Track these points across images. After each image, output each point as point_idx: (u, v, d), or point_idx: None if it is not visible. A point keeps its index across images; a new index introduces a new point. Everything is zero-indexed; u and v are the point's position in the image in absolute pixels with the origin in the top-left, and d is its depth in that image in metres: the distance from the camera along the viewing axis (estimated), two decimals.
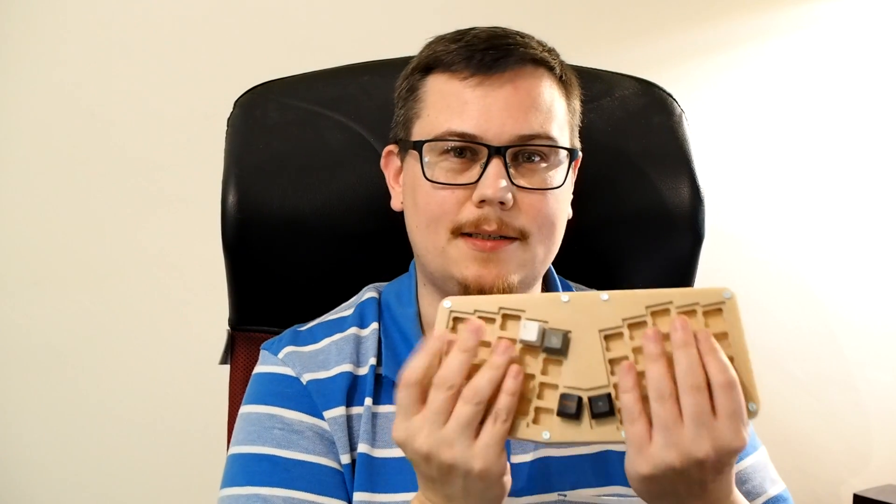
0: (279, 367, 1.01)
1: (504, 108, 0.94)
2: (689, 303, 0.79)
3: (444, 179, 0.95)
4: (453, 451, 0.78)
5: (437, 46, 0.98)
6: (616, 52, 1.86)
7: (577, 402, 0.78)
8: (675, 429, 0.75)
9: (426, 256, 0.99)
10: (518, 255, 0.96)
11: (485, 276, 0.95)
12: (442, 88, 0.97)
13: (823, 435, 2.06)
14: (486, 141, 0.94)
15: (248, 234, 1.13)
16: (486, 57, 0.95)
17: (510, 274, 0.95)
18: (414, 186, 0.98)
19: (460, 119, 0.95)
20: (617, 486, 0.98)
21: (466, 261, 0.95)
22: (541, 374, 0.80)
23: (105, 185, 1.68)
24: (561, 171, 0.98)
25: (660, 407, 0.75)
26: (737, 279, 1.96)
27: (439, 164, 0.96)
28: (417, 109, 0.99)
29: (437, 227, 0.96)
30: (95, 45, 1.66)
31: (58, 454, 1.70)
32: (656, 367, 0.76)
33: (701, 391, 0.75)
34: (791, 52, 1.99)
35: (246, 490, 0.95)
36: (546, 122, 0.96)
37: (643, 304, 0.79)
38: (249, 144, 1.15)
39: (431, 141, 0.95)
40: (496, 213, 0.94)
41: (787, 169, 2.01)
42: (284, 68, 1.23)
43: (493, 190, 0.93)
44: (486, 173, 0.93)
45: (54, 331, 1.68)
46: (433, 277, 1.00)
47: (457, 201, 0.95)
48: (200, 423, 1.64)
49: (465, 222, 0.95)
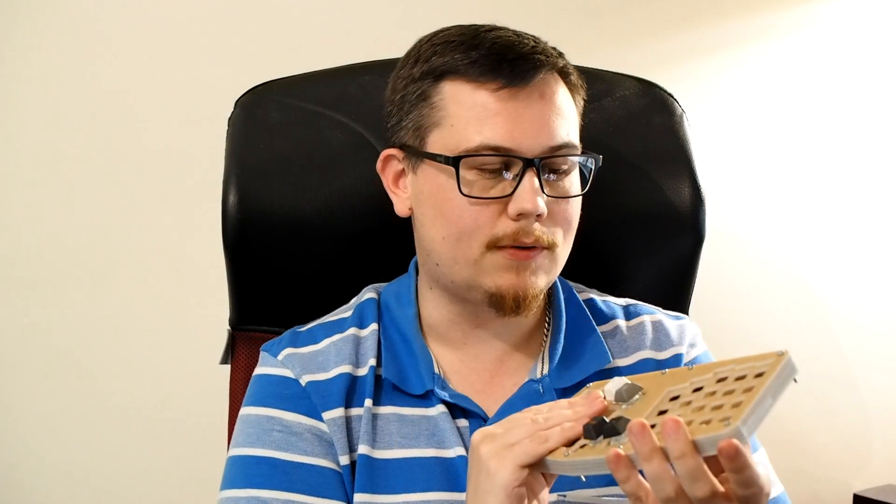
0: (278, 369, 1.01)
1: (534, 120, 0.94)
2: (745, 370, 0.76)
3: (479, 194, 0.94)
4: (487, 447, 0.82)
5: (452, 52, 0.96)
6: (617, 53, 1.86)
7: (600, 421, 0.79)
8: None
9: (451, 267, 0.98)
10: (546, 262, 0.97)
11: (518, 285, 0.96)
12: (466, 98, 0.95)
13: (823, 435, 2.07)
14: (520, 153, 0.93)
15: (248, 234, 1.13)
16: (516, 68, 0.94)
17: (539, 280, 0.97)
18: (437, 198, 0.97)
19: (492, 132, 0.94)
20: (616, 486, 0.98)
21: (501, 271, 0.95)
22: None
23: (105, 185, 1.68)
24: (576, 175, 0.99)
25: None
26: (737, 279, 1.98)
27: (471, 177, 0.95)
28: (436, 118, 0.96)
29: (471, 240, 0.95)
30: (95, 45, 1.66)
31: (58, 454, 1.70)
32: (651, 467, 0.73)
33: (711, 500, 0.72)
34: (792, 52, 1.99)
35: (245, 493, 0.95)
36: (570, 130, 0.97)
37: (712, 372, 0.78)
38: (250, 144, 1.15)
39: (468, 156, 0.94)
40: (532, 225, 0.94)
41: (788, 169, 2.01)
42: (285, 68, 1.23)
43: (533, 204, 0.93)
44: (523, 186, 0.93)
45: (54, 331, 1.68)
46: (454, 286, 0.99)
47: (491, 215, 0.95)
48: (201, 422, 1.64)
49: (502, 236, 0.95)
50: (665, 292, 1.19)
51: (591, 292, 1.11)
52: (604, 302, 1.10)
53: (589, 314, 1.07)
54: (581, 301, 1.08)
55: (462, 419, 0.99)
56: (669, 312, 1.11)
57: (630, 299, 1.12)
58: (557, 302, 1.06)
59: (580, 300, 1.08)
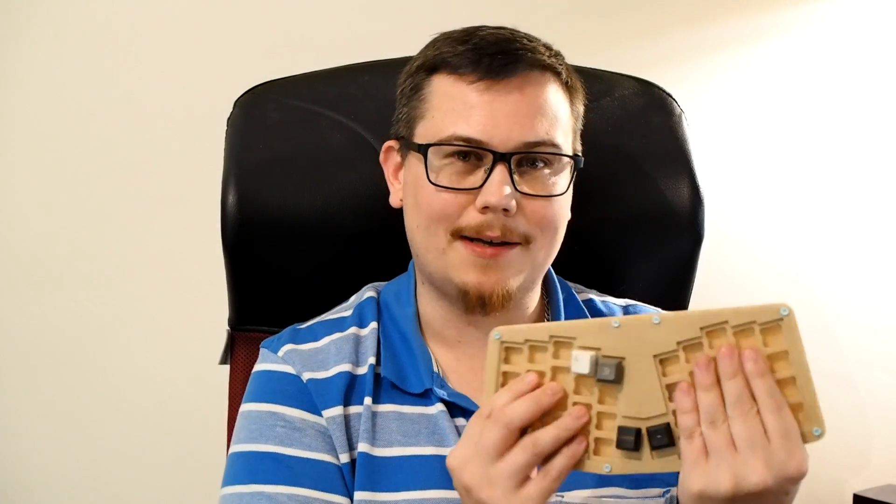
0: (279, 365, 1.01)
1: (511, 115, 0.94)
2: (746, 321, 0.77)
3: (448, 183, 0.95)
4: (493, 492, 0.79)
5: (444, 46, 0.98)
6: (616, 52, 1.86)
7: (635, 434, 0.78)
8: (727, 453, 0.75)
9: (426, 256, 0.99)
10: (518, 260, 0.96)
11: (485, 284, 0.95)
12: (448, 91, 0.96)
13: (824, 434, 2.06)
14: (491, 147, 0.94)
15: (247, 234, 1.13)
16: (495, 62, 0.94)
17: (509, 279, 0.96)
18: (416, 186, 0.98)
19: (466, 123, 0.94)
20: (615, 487, 0.99)
21: (466, 266, 0.95)
22: (598, 404, 0.80)
23: (105, 185, 1.67)
24: (564, 177, 0.98)
25: (711, 433, 0.76)
26: (736, 279, 1.97)
27: (444, 167, 0.96)
28: (422, 109, 0.98)
29: (437, 228, 0.96)
30: (95, 45, 1.66)
31: (58, 454, 1.70)
32: (708, 396, 0.76)
33: (749, 417, 0.75)
34: (791, 52, 1.99)
35: (250, 488, 0.95)
36: (551, 128, 0.96)
37: (697, 326, 0.77)
38: (249, 144, 1.15)
39: (436, 145, 0.95)
40: (499, 220, 0.94)
41: (787, 169, 2.01)
42: (284, 68, 1.23)
43: (498, 197, 0.93)
44: (491, 180, 0.93)
45: (54, 331, 1.68)
46: (432, 278, 1.00)
47: (459, 205, 0.95)
48: (200, 422, 1.64)
49: (465, 226, 0.95)
50: (664, 292, 1.19)
51: (590, 293, 1.11)
52: (603, 302, 1.10)
53: (588, 315, 1.07)
54: (580, 302, 1.08)
55: (460, 418, 0.99)
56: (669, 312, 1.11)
57: (629, 300, 1.12)
58: (556, 303, 1.06)
59: (579, 301, 1.08)
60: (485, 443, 0.80)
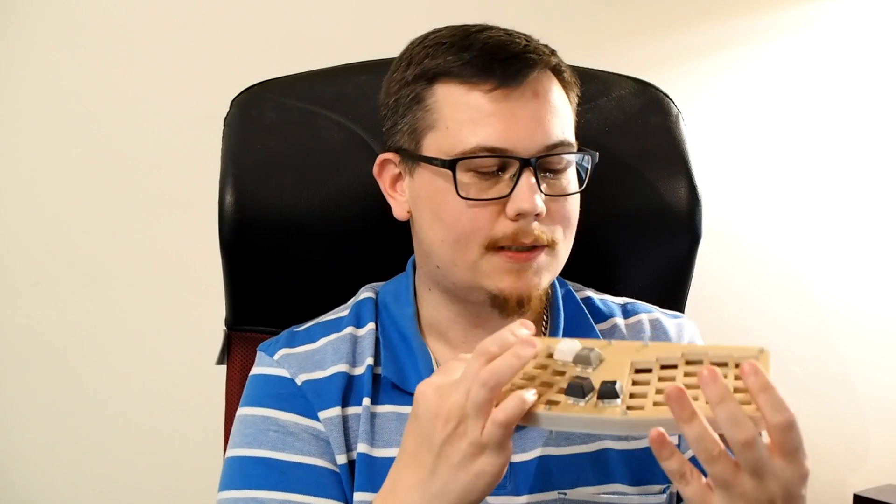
0: (274, 369, 1.01)
1: (530, 119, 0.94)
2: (723, 356, 0.79)
3: (476, 195, 0.94)
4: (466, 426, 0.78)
5: (444, 54, 0.96)
6: (613, 53, 1.86)
7: (588, 382, 0.78)
8: (734, 483, 0.72)
9: (451, 269, 0.97)
10: (547, 262, 0.97)
11: (519, 287, 0.95)
12: (459, 100, 0.95)
13: (823, 435, 2.06)
14: (515, 153, 0.93)
15: (245, 234, 1.13)
16: (509, 68, 0.94)
17: (542, 280, 0.97)
18: (436, 201, 0.96)
19: (487, 133, 0.93)
20: (616, 484, 0.99)
21: (501, 273, 0.95)
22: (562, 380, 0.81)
23: (103, 185, 1.68)
24: (573, 173, 0.99)
25: (712, 468, 0.73)
26: (734, 279, 1.97)
27: (468, 179, 0.94)
28: (430, 121, 0.96)
29: (469, 243, 0.95)
30: (94, 45, 1.66)
31: (56, 454, 1.70)
32: (692, 429, 0.72)
33: (753, 445, 0.71)
34: (788, 52, 1.99)
35: (243, 493, 0.95)
36: (565, 127, 0.97)
37: (679, 352, 0.81)
38: (246, 144, 1.15)
39: (464, 159, 0.94)
40: (530, 224, 0.94)
41: (785, 169, 2.01)
42: (281, 68, 1.23)
43: (531, 204, 0.92)
44: (520, 187, 0.93)
45: (53, 331, 1.68)
46: (455, 288, 0.99)
47: (489, 216, 0.94)
48: (197, 423, 1.64)
49: (501, 237, 0.94)
50: (661, 292, 1.19)
51: (588, 291, 1.11)
52: (601, 300, 1.10)
53: (587, 313, 1.07)
54: (579, 300, 1.08)
55: None
56: (667, 311, 1.11)
57: (627, 298, 1.12)
58: (555, 300, 1.06)
59: (578, 299, 1.08)
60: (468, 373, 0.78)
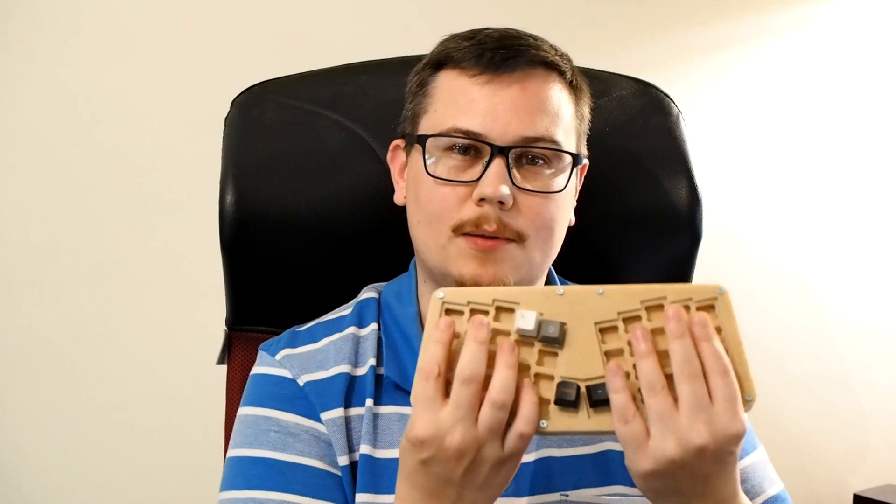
0: (276, 369, 1.01)
1: (510, 109, 0.94)
2: (683, 298, 0.80)
3: (447, 176, 0.95)
4: (485, 452, 0.78)
5: (449, 43, 0.99)
6: (613, 53, 1.86)
7: (575, 390, 0.79)
8: (670, 418, 0.75)
9: (426, 252, 0.98)
10: (515, 255, 0.96)
11: (482, 276, 0.94)
12: (451, 85, 0.97)
13: (823, 435, 2.06)
14: (490, 140, 0.94)
15: (245, 234, 1.13)
16: (496, 56, 0.95)
17: (507, 274, 0.95)
18: (416, 182, 0.98)
19: (465, 116, 0.95)
20: (618, 485, 0.98)
21: (464, 259, 0.95)
22: (536, 365, 0.80)
23: (103, 184, 1.68)
24: (563, 176, 0.98)
25: (653, 399, 0.76)
26: (735, 279, 1.96)
27: (443, 160, 0.96)
28: (426, 105, 0.99)
29: (439, 224, 0.96)
30: (94, 46, 1.66)
31: (56, 454, 1.70)
32: (646, 362, 0.77)
33: (697, 379, 0.76)
34: (788, 52, 1.99)
35: (243, 494, 0.95)
36: (552, 125, 0.96)
37: (638, 299, 0.80)
38: (247, 144, 1.15)
39: (435, 136, 0.96)
40: (496, 213, 0.94)
41: (785, 169, 2.01)
42: (282, 68, 1.23)
43: (493, 189, 0.93)
44: (488, 172, 0.93)
45: (53, 331, 1.68)
46: (432, 273, 1.00)
47: (458, 199, 0.95)
48: (198, 422, 1.64)
49: (466, 220, 0.94)
50: None
51: None
52: None
53: None
54: None
55: None
56: None
57: None
58: None
59: None
60: (463, 404, 0.77)
